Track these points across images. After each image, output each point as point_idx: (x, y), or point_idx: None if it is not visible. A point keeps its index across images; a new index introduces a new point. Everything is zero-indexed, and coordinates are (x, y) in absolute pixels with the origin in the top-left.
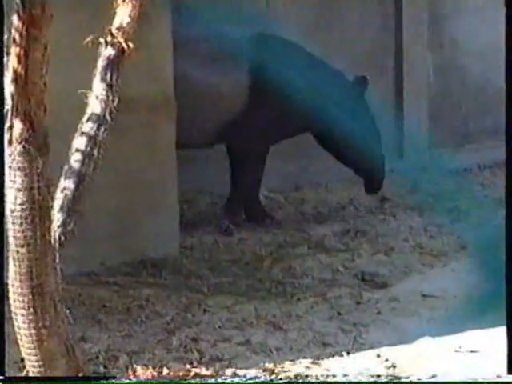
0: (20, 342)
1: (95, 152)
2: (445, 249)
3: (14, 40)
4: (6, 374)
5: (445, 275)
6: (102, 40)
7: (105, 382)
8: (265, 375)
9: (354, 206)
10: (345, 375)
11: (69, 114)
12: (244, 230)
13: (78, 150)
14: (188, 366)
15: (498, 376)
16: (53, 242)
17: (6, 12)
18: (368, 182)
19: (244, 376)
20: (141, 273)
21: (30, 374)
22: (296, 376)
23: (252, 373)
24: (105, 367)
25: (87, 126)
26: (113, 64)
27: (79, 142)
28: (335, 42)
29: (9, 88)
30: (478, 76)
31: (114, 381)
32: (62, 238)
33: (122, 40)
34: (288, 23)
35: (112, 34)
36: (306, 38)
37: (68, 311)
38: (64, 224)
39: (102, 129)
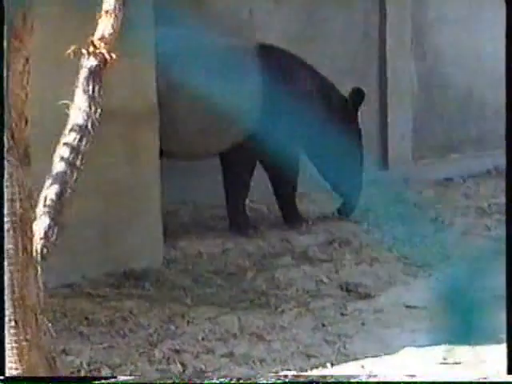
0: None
1: (77, 163)
2: (429, 259)
3: None
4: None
5: (429, 286)
6: (83, 50)
7: (105, 382)
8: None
9: (338, 216)
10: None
11: (50, 124)
12: (227, 241)
13: (60, 161)
14: (172, 379)
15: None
16: (34, 254)
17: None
18: (343, 202)
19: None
20: (123, 284)
21: None
22: None
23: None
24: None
25: (69, 137)
26: (95, 75)
27: (61, 153)
28: (318, 51)
29: None
30: (460, 86)
31: (114, 381)
32: (44, 251)
33: (104, 50)
34: (272, 33)
35: (94, 45)
36: (289, 47)
37: (50, 324)
38: (46, 236)
39: (85, 140)
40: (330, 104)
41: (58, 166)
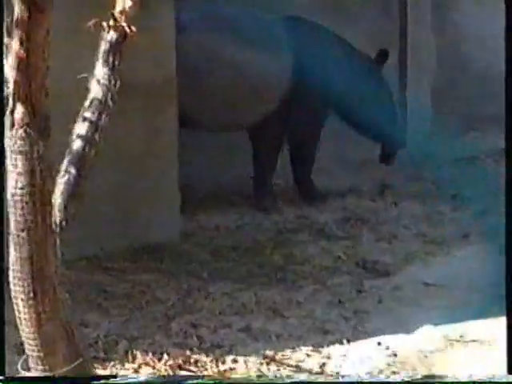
0: (20, 327)
1: (96, 137)
2: (447, 237)
3: (17, 23)
4: (6, 374)
5: (447, 264)
6: (104, 24)
7: (104, 382)
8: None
9: (356, 192)
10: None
11: (69, 98)
12: (245, 216)
13: (79, 136)
14: (188, 353)
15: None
16: (53, 226)
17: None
18: (385, 149)
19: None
20: (141, 258)
21: (30, 359)
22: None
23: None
24: (104, 352)
25: (89, 111)
26: (115, 48)
27: (81, 127)
28: (339, 26)
29: (10, 72)
30: (480, 63)
31: (113, 380)
32: (63, 223)
33: (124, 24)
34: (291, 7)
35: (115, 18)
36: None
37: (68, 296)
38: (65, 208)
39: (104, 114)
40: (357, 64)
41: (77, 140)
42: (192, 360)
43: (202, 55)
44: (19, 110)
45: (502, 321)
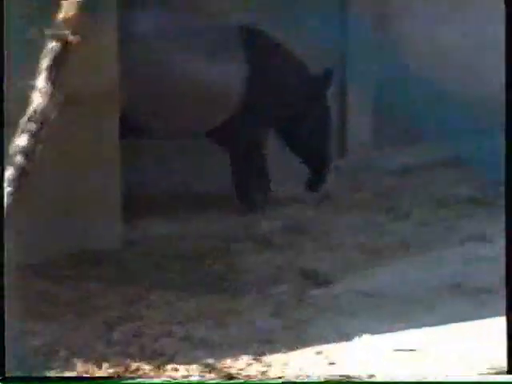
0: None
1: (37, 147)
2: (386, 247)
3: None
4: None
5: (386, 274)
6: (47, 32)
7: (104, 382)
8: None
9: (297, 202)
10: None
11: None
12: (188, 225)
13: (19, 147)
14: (128, 360)
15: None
16: None
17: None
18: (312, 177)
19: None
20: (82, 265)
21: None
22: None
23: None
24: (44, 361)
25: (30, 123)
26: (58, 57)
27: (21, 139)
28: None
29: None
30: (421, 75)
31: (113, 380)
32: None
33: (67, 32)
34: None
35: (58, 26)
36: None
37: (8, 304)
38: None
39: (46, 122)
40: (301, 83)
41: (18, 152)
42: (133, 368)
43: (157, 64)
44: None
45: (440, 330)
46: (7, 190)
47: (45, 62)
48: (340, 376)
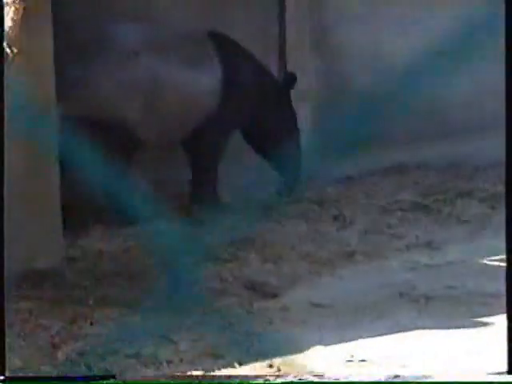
0: None
1: None
2: (332, 257)
3: None
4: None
5: (333, 283)
6: None
7: (104, 381)
8: None
9: (240, 213)
10: None
11: None
12: (128, 239)
13: None
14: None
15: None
16: None
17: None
18: (284, 180)
19: None
20: (22, 285)
21: None
22: None
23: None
24: None
25: None
26: None
27: None
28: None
29: None
30: (362, 83)
31: (113, 380)
32: None
33: (5, 45)
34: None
35: None
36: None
37: None
38: None
39: None
40: (265, 88)
41: None
42: None
43: (152, 79)
44: None
45: (391, 339)
46: None
47: None
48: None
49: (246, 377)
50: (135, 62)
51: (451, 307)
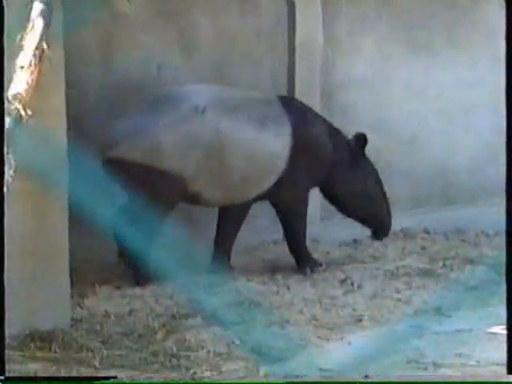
0: None
1: None
2: (340, 321)
3: None
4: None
5: (341, 349)
6: None
7: (105, 382)
8: None
9: (246, 275)
10: None
11: None
12: (134, 301)
13: None
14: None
15: None
16: None
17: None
18: (376, 232)
19: None
20: (29, 346)
21: None
22: None
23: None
24: None
25: None
26: (10, 132)
27: None
28: None
29: None
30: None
31: (113, 381)
32: None
33: (19, 106)
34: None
35: (9, 100)
36: None
37: None
38: None
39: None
40: (338, 148)
41: None
42: None
43: (215, 135)
44: None
45: None
46: None
47: None
48: None
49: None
50: (200, 118)
51: (459, 375)
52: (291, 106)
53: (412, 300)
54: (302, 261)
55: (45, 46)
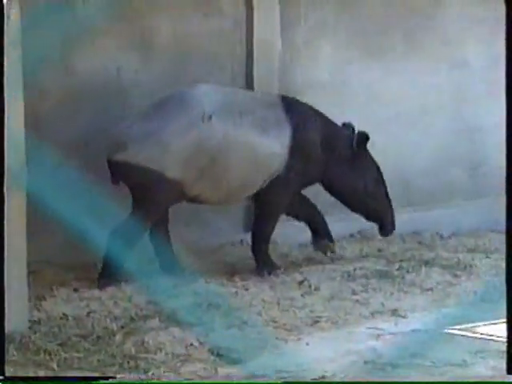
0: None
1: None
2: (297, 323)
3: None
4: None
5: (299, 351)
6: None
7: (105, 382)
8: None
9: (205, 277)
10: None
11: None
12: (92, 303)
13: None
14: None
15: None
16: None
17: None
18: (381, 227)
19: None
20: None
21: None
22: None
23: None
24: None
25: None
26: None
27: None
28: None
29: None
30: None
31: (112, 381)
32: None
33: None
34: (138, 92)
35: None
36: None
37: None
38: None
39: None
40: (339, 146)
41: None
42: None
43: (221, 142)
44: None
45: None
46: None
47: None
48: None
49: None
50: (207, 125)
51: (416, 376)
52: (293, 108)
53: (369, 301)
54: (262, 263)
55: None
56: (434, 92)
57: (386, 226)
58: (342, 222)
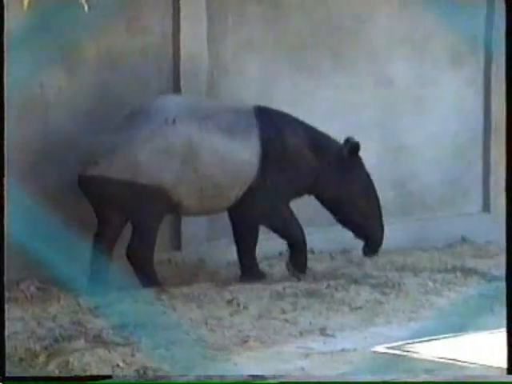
0: None
1: None
2: (226, 342)
3: None
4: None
5: (227, 371)
6: None
7: (105, 381)
8: None
9: (131, 296)
10: None
11: None
12: (13, 324)
13: None
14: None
15: None
16: None
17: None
18: (367, 244)
19: None
20: None
21: None
22: None
23: None
24: None
25: None
26: None
27: None
28: None
29: None
30: None
31: (112, 381)
32: None
33: None
34: (62, 109)
35: None
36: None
37: None
38: None
39: None
40: (326, 155)
41: None
42: None
43: (188, 145)
44: None
45: None
46: None
47: None
48: None
49: None
50: (171, 129)
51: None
52: (264, 115)
53: (298, 320)
54: (247, 271)
55: None
56: (360, 109)
57: (371, 244)
58: (271, 240)
